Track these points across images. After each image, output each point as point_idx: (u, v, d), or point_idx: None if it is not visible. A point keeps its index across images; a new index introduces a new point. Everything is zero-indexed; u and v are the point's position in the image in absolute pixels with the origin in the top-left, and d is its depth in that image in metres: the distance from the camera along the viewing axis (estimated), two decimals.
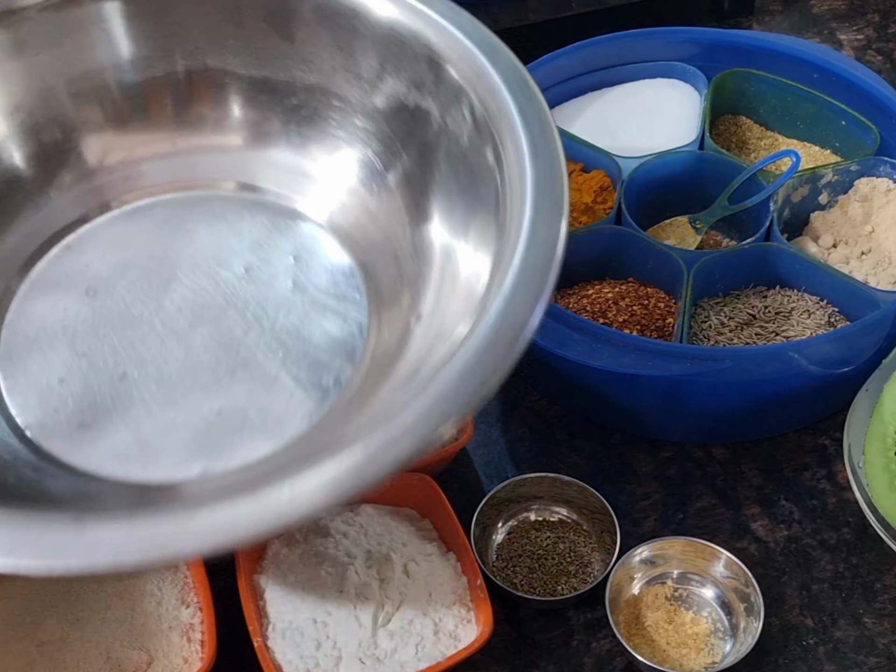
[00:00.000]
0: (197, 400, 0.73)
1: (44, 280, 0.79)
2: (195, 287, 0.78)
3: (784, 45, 1.01)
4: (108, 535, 0.56)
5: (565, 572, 0.80)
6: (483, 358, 0.63)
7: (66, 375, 0.74)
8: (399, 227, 0.78)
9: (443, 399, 0.60)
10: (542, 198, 0.67)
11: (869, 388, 0.83)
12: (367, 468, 0.56)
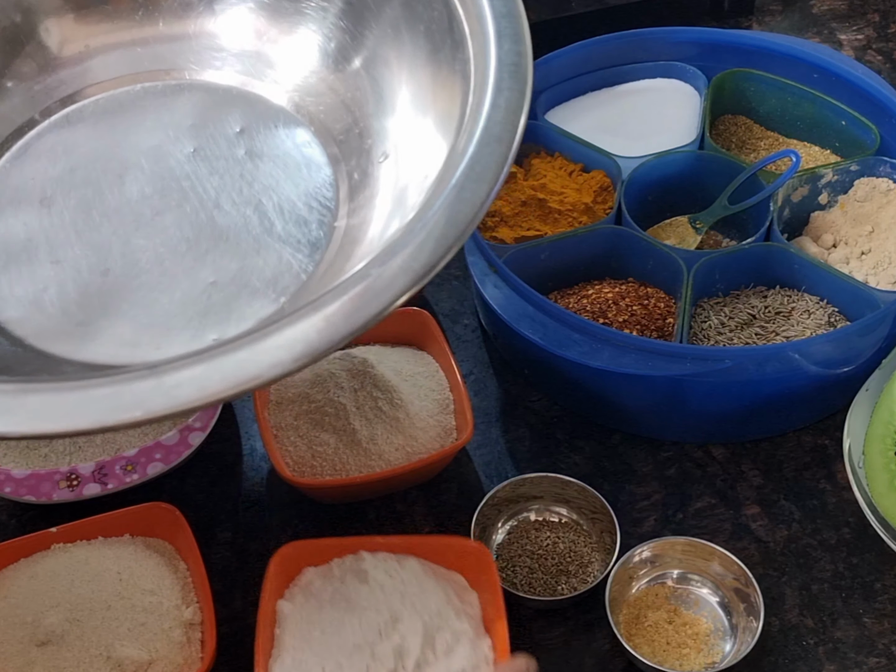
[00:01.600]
0: (188, 278, 0.73)
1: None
2: (149, 177, 0.77)
3: (784, 45, 1.01)
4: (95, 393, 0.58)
5: (565, 572, 0.80)
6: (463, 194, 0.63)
7: (49, 284, 0.74)
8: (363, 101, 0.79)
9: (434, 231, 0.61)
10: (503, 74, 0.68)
11: (869, 388, 0.83)
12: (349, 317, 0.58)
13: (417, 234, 0.61)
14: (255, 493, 0.87)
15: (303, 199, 0.76)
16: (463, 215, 0.62)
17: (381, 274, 0.60)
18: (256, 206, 0.75)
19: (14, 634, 0.74)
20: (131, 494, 0.84)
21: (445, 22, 0.73)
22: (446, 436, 0.84)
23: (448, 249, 0.61)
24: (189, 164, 0.78)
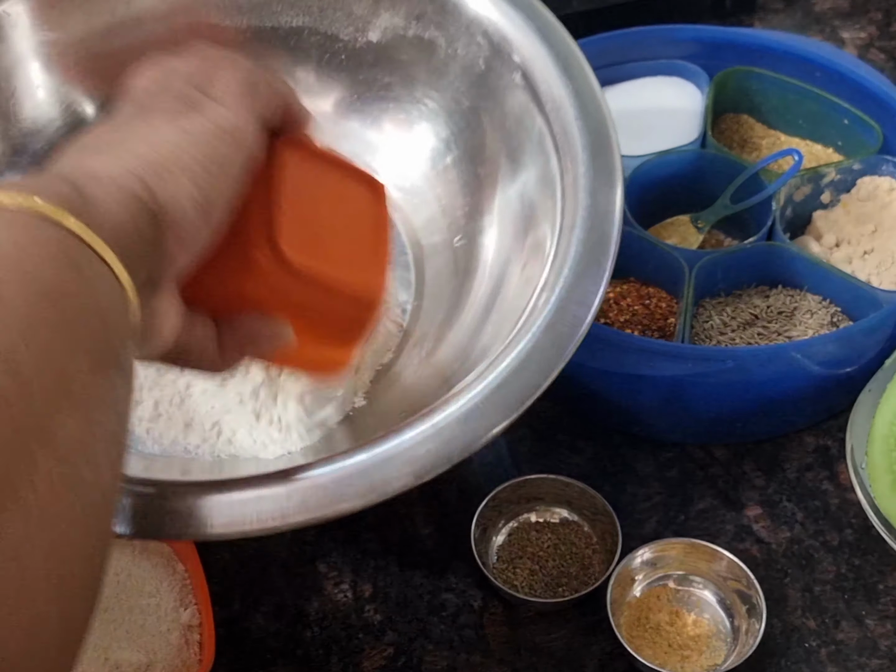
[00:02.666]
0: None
1: None
2: None
3: (786, 44, 1.01)
4: None
5: (566, 574, 0.80)
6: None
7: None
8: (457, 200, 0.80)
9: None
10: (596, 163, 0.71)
11: (872, 388, 0.83)
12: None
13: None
14: None
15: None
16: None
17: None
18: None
19: None
20: None
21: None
22: None
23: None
24: None
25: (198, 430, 0.71)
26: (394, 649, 0.78)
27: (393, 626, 0.79)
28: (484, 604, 0.80)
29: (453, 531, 0.84)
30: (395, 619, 0.80)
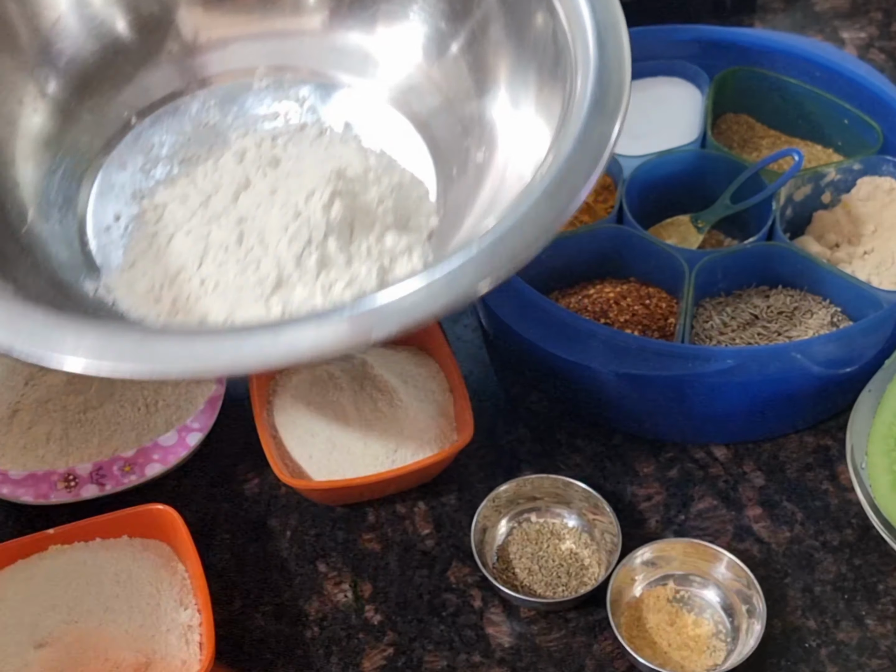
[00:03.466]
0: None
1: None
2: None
3: (786, 44, 1.01)
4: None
5: (566, 573, 0.80)
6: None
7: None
8: (463, 93, 0.86)
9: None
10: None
11: (872, 388, 0.83)
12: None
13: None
14: (254, 495, 0.86)
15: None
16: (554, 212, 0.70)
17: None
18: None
19: (11, 637, 0.74)
20: (129, 495, 0.84)
21: (550, 34, 0.79)
22: (446, 437, 0.84)
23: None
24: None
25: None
26: (394, 649, 0.78)
27: (393, 626, 0.79)
28: (484, 604, 0.80)
29: (453, 531, 0.84)
30: (395, 619, 0.80)
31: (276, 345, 0.66)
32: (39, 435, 0.85)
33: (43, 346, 0.67)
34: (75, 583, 0.77)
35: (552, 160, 0.71)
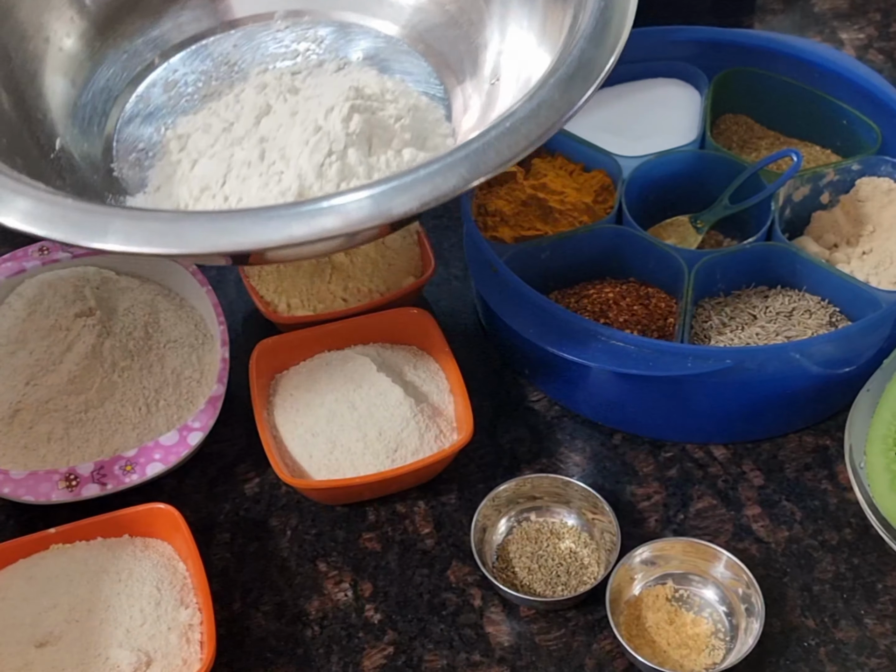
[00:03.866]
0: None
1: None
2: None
3: (785, 44, 1.01)
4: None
5: (566, 573, 0.80)
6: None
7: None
8: (477, 23, 0.91)
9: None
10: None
11: (870, 388, 0.83)
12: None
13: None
14: (254, 494, 0.86)
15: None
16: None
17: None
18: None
19: (12, 636, 0.74)
20: (130, 495, 0.84)
21: None
22: (446, 437, 0.84)
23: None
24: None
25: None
26: (394, 648, 0.79)
27: (393, 626, 0.80)
28: (484, 603, 0.80)
29: (453, 531, 0.84)
30: (395, 619, 0.80)
31: (301, 218, 0.68)
32: (41, 435, 0.85)
33: (79, 233, 0.70)
34: (76, 582, 0.77)
35: (554, 73, 0.76)
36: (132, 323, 0.89)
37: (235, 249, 0.69)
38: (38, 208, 0.71)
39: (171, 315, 0.91)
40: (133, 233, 0.69)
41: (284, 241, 0.68)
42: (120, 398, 0.87)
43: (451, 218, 1.03)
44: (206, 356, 0.90)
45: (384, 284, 0.93)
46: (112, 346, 0.88)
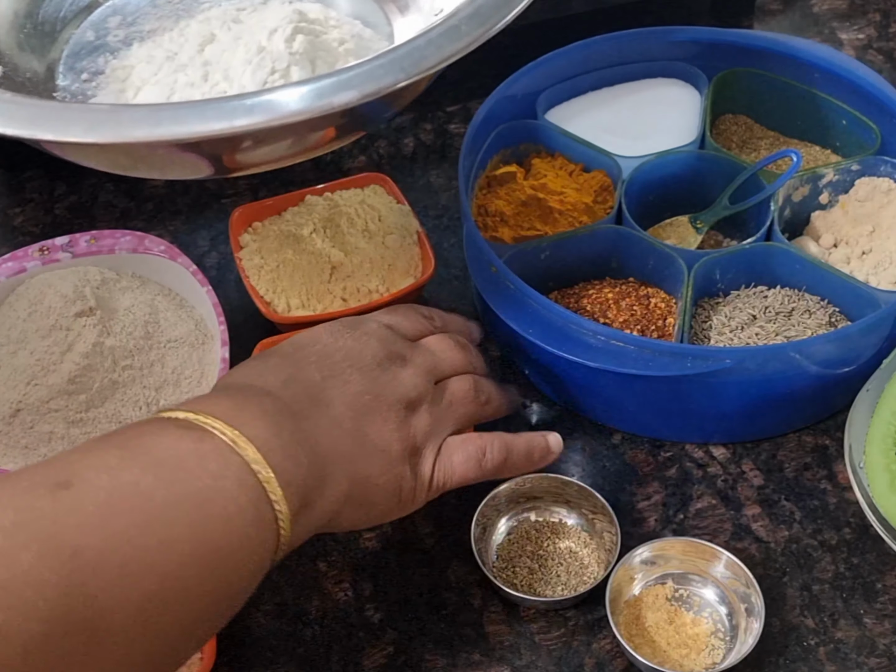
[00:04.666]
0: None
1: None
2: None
3: (785, 45, 1.01)
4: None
5: (565, 573, 0.80)
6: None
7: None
8: None
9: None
10: None
11: (870, 388, 0.83)
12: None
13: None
14: None
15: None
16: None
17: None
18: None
19: None
20: None
21: None
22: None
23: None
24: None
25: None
26: (394, 648, 0.79)
27: (393, 625, 0.80)
28: (483, 603, 0.80)
29: (453, 531, 0.84)
30: (395, 618, 0.80)
31: (244, 106, 0.68)
32: (41, 434, 0.85)
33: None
34: None
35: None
36: (132, 323, 0.89)
37: (174, 138, 0.69)
38: None
39: (171, 315, 0.91)
40: (72, 121, 0.70)
41: (225, 130, 0.69)
42: (121, 398, 0.87)
43: (451, 218, 1.03)
44: (207, 356, 0.90)
45: (384, 284, 0.93)
46: (112, 345, 0.88)
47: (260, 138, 0.74)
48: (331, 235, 0.94)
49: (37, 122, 0.70)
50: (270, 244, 0.94)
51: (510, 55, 1.00)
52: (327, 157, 1.09)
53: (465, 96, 1.12)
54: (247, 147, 0.76)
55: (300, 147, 0.80)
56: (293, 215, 0.96)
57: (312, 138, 0.79)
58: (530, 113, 0.99)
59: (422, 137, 1.10)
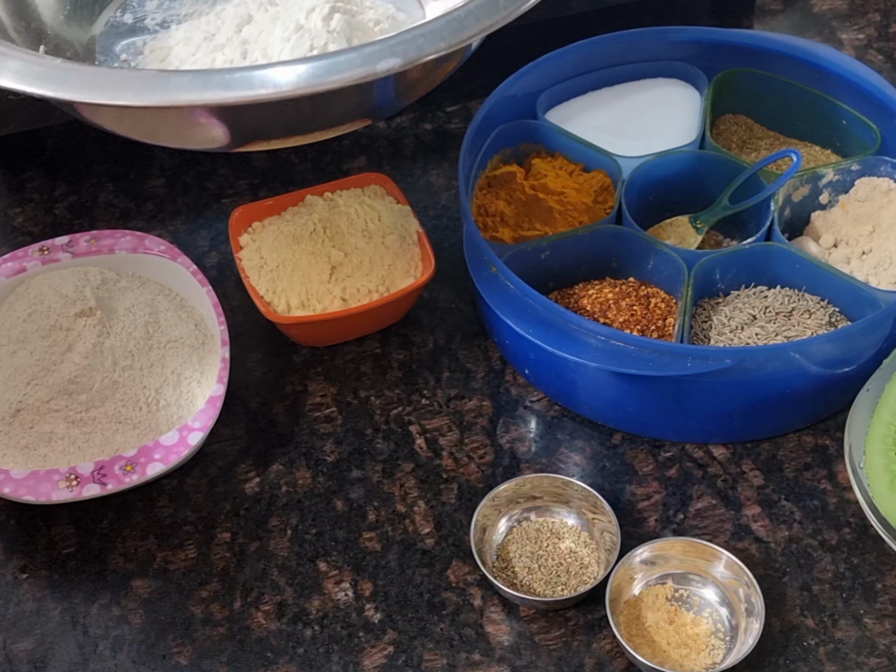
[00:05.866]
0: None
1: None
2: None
3: (785, 45, 1.01)
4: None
5: (566, 572, 0.80)
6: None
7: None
8: None
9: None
10: None
11: (870, 388, 0.83)
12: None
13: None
14: (254, 494, 0.86)
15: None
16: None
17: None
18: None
19: None
20: (131, 494, 0.84)
21: None
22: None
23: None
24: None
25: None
26: (394, 648, 0.79)
27: (393, 625, 0.80)
28: (483, 603, 0.80)
29: (453, 531, 0.84)
30: (396, 618, 0.80)
31: (288, 70, 0.70)
32: (42, 434, 0.85)
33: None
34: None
35: None
36: (133, 323, 0.89)
37: (219, 101, 0.70)
38: (28, 68, 0.73)
39: (171, 315, 0.91)
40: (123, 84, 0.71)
41: (272, 94, 0.70)
42: (121, 398, 0.87)
43: (451, 218, 1.03)
44: (207, 356, 0.90)
45: (384, 284, 0.93)
46: (112, 345, 0.88)
47: (298, 105, 0.75)
48: (331, 235, 0.94)
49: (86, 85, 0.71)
50: (270, 244, 0.94)
51: (510, 55, 1.00)
52: (327, 157, 1.09)
53: (465, 96, 1.12)
54: (275, 114, 0.76)
55: (316, 122, 0.81)
56: (293, 215, 0.96)
57: (334, 111, 0.80)
58: (530, 113, 0.99)
59: (422, 137, 1.10)
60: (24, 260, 0.93)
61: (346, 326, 0.93)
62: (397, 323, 0.96)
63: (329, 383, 0.92)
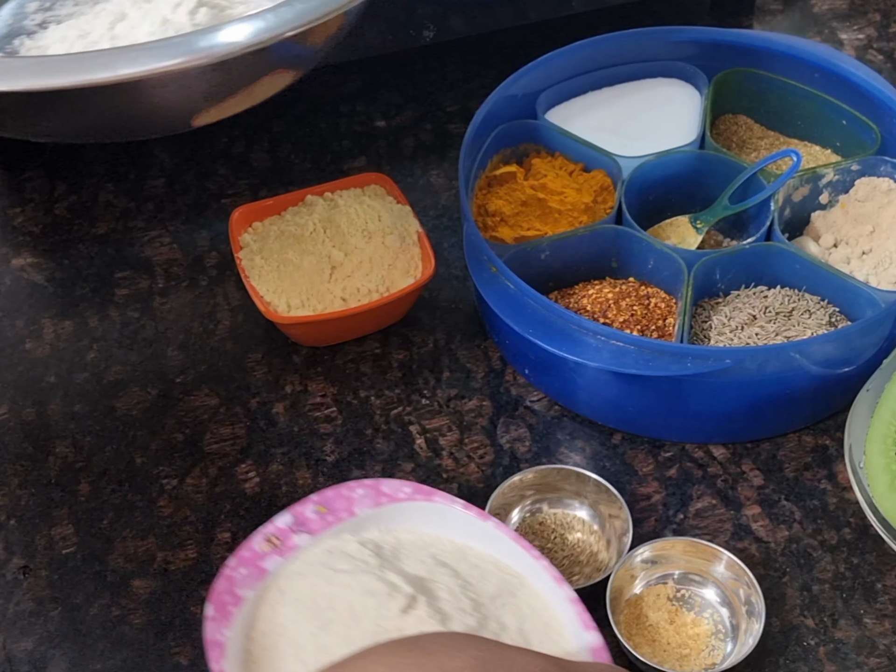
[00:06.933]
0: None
1: None
2: None
3: (785, 45, 1.01)
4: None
5: (577, 562, 0.80)
6: None
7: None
8: None
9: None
10: None
11: (870, 387, 0.83)
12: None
13: None
14: (255, 494, 0.86)
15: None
16: None
17: None
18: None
19: None
20: (131, 495, 0.84)
21: None
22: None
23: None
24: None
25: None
26: None
27: None
28: None
29: None
30: None
31: (172, 45, 0.71)
32: None
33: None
34: None
35: None
36: (451, 594, 0.72)
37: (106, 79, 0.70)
38: None
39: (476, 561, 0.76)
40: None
41: (158, 68, 0.70)
42: None
43: (451, 218, 1.03)
44: (530, 598, 0.74)
45: (384, 284, 0.93)
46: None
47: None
48: (331, 235, 0.94)
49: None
50: (270, 244, 0.94)
51: (510, 55, 1.00)
52: (327, 157, 1.09)
53: (465, 96, 1.12)
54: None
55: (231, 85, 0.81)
56: (293, 215, 0.96)
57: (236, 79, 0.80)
58: (530, 113, 0.99)
59: (422, 137, 1.10)
60: (257, 561, 0.74)
61: (346, 326, 0.93)
62: (397, 323, 0.96)
63: (329, 383, 0.92)
